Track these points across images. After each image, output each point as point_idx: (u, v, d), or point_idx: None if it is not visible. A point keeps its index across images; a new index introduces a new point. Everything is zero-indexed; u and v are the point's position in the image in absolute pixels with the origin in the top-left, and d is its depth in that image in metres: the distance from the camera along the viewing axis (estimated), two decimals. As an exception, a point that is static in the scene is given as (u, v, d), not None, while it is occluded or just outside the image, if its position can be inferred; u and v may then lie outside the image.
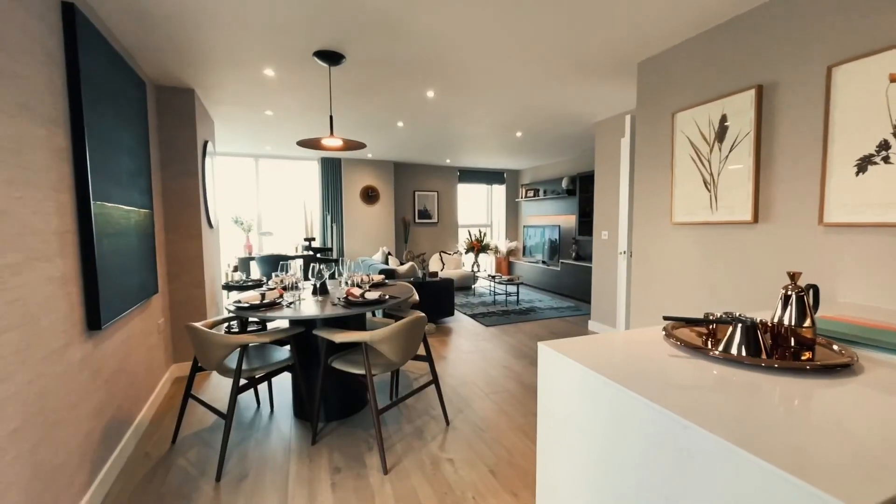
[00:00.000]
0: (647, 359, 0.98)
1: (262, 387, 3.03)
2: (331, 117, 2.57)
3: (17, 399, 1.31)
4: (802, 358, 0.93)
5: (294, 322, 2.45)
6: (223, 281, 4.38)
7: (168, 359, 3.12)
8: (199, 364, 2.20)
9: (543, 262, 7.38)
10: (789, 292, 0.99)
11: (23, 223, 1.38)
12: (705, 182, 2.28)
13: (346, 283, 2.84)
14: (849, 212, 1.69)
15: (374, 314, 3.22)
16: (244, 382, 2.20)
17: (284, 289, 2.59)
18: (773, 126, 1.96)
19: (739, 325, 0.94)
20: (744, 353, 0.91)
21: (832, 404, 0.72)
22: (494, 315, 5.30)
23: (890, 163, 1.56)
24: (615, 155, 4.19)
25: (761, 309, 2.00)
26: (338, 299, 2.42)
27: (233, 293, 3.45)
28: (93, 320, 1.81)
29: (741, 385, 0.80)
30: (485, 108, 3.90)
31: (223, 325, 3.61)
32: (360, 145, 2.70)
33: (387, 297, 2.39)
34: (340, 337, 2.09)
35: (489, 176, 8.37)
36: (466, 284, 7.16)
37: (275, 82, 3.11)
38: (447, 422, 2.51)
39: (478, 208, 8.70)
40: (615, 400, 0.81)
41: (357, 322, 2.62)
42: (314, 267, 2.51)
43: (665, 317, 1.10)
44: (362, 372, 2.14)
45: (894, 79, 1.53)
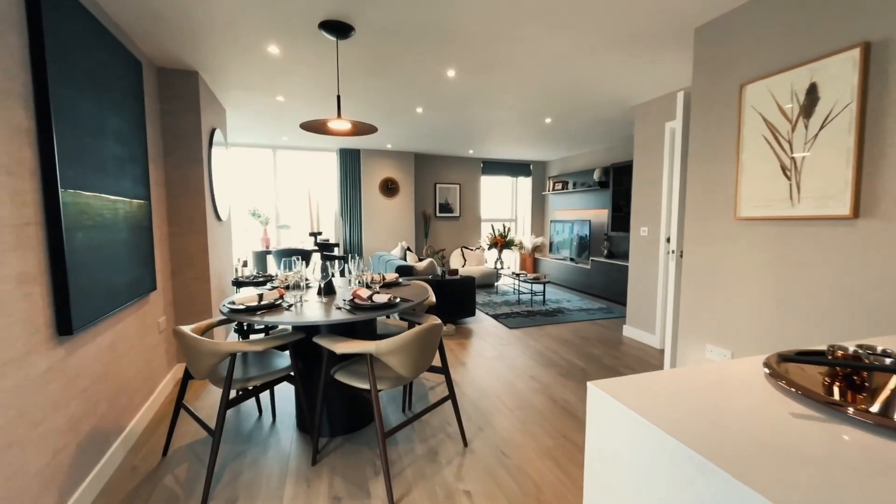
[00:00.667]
0: (749, 415, 0.64)
1: (265, 392, 2.81)
2: (338, 97, 2.29)
3: (-56, 425, 1.09)
4: None
5: (295, 327, 2.20)
6: (233, 276, 4.21)
7: (171, 359, 2.95)
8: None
9: (571, 260, 6.95)
10: None
11: (-44, 213, 1.16)
12: (783, 168, 1.86)
13: (356, 283, 2.57)
14: None
15: (389, 316, 2.95)
16: (237, 394, 1.97)
17: (287, 288, 2.35)
18: (885, 95, 1.53)
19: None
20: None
21: None
22: (519, 316, 4.95)
23: None
24: (657, 142, 3.74)
25: (872, 334, 1.59)
26: (343, 301, 2.15)
27: (242, 289, 3.25)
28: (63, 324, 1.59)
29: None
30: (512, 91, 3.53)
31: (229, 327, 3.43)
32: (371, 129, 2.41)
33: (397, 301, 2.10)
34: (342, 347, 1.81)
35: (514, 168, 7.96)
36: (489, 282, 6.83)
37: (281, 61, 2.86)
38: (465, 443, 2.20)
39: (502, 202, 8.31)
40: (713, 487, 0.48)
41: (365, 327, 2.35)
42: (322, 265, 2.25)
43: (784, 357, 0.75)
44: (367, 387, 1.86)
45: None
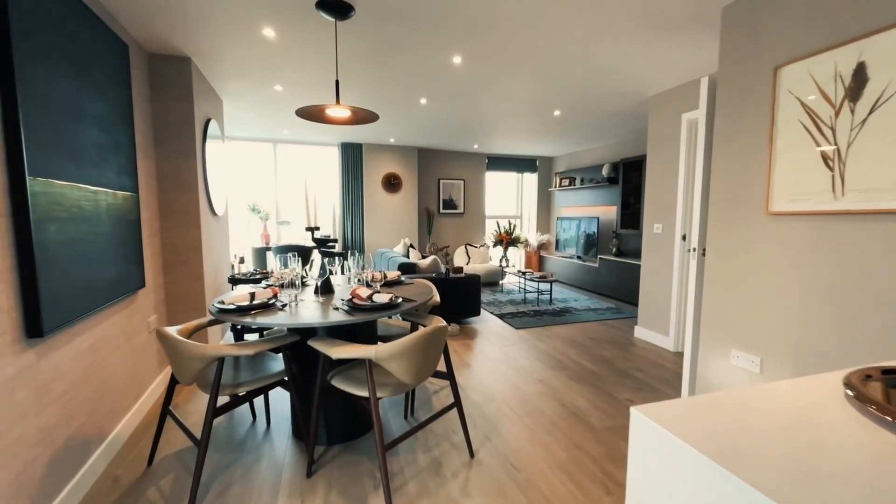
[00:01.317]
0: (845, 455, 0.48)
1: (259, 396, 2.68)
2: (336, 81, 2.13)
3: None
4: None
5: (290, 329, 2.05)
6: (230, 273, 4.08)
7: (162, 360, 2.82)
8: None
9: (579, 258, 6.77)
10: None
11: None
12: (825, 157, 1.69)
13: (355, 281, 2.42)
14: None
15: (390, 316, 2.80)
16: (226, 401, 1.82)
17: (282, 286, 2.20)
18: (949, 73, 1.36)
19: None
20: None
21: None
22: (525, 316, 4.79)
23: None
24: (673, 134, 3.56)
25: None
26: (341, 301, 2.00)
27: (238, 287, 3.12)
28: (32, 326, 1.45)
29: None
30: (520, 80, 3.36)
31: (225, 327, 3.30)
32: (372, 116, 2.26)
33: (399, 301, 1.95)
34: (338, 352, 1.66)
35: (520, 163, 7.78)
36: (493, 280, 6.67)
37: (277, 46, 2.70)
38: (471, 454, 2.05)
39: (507, 198, 8.14)
40: None
41: (365, 329, 2.20)
42: (312, 261, 2.10)
43: (885, 373, 0.59)
44: (366, 394, 1.71)
45: None
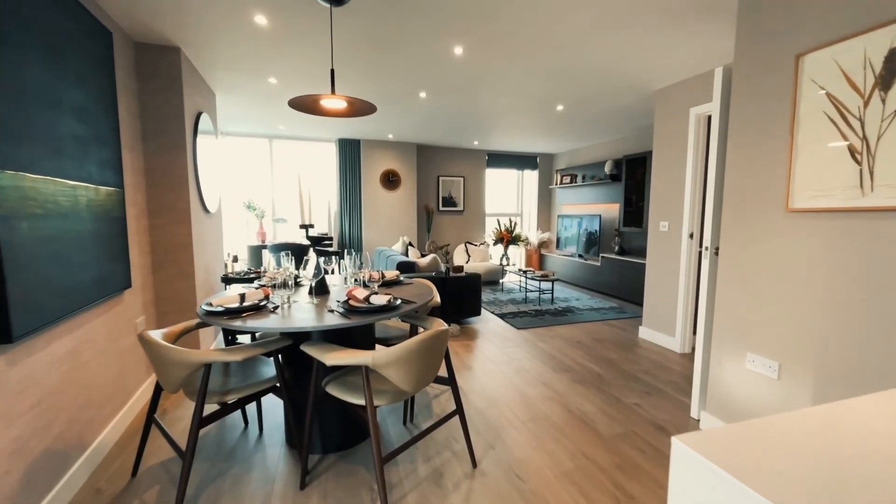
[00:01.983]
0: None
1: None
2: (332, 70, 2.02)
3: None
4: None
5: (281, 333, 1.94)
6: (224, 272, 3.97)
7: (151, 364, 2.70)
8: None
9: (580, 256, 6.67)
10: None
11: None
12: (852, 150, 1.58)
13: (352, 281, 2.31)
14: None
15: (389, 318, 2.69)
16: (215, 409, 1.72)
17: (274, 287, 2.09)
18: None
19: None
20: None
21: None
22: (526, 315, 4.69)
23: None
24: (680, 129, 3.45)
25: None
26: (337, 303, 1.89)
27: (232, 286, 3.00)
28: (1, 331, 1.34)
29: None
30: (523, 72, 3.25)
31: (218, 329, 3.15)
32: (370, 108, 2.14)
33: (398, 302, 1.84)
34: (333, 358, 1.56)
35: (520, 160, 7.67)
36: (494, 279, 6.57)
37: (270, 35, 2.58)
38: (474, 464, 1.95)
39: (507, 196, 8.03)
40: None
41: (362, 331, 2.09)
42: (306, 260, 1.99)
43: None
44: (362, 402, 1.61)
45: None
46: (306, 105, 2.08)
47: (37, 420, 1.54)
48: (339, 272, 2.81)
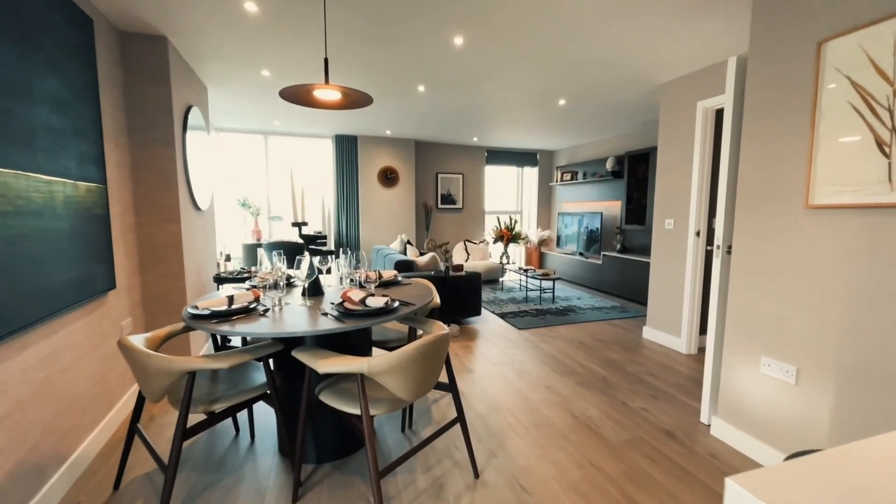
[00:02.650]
0: None
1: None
2: (325, 60, 1.90)
3: None
4: None
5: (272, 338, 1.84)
6: (216, 271, 3.85)
7: (139, 366, 2.60)
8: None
9: (581, 254, 6.58)
10: None
11: None
12: (879, 143, 1.48)
13: (347, 281, 2.21)
14: None
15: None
16: (202, 419, 1.62)
17: (265, 288, 1.98)
18: None
19: None
20: None
21: None
22: (527, 315, 4.59)
23: None
24: (687, 124, 3.35)
25: None
26: (331, 305, 1.79)
27: (225, 286, 2.90)
28: (-38, 338, 1.24)
29: None
30: (525, 65, 3.14)
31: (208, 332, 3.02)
32: (366, 99, 2.03)
33: (396, 305, 1.74)
34: (326, 364, 1.45)
35: (520, 157, 7.56)
36: (493, 277, 6.47)
37: (261, 24, 2.47)
38: (476, 474, 1.85)
39: (507, 193, 7.92)
40: None
41: (358, 334, 1.99)
42: (299, 260, 1.88)
43: None
44: (357, 412, 1.51)
45: None
46: (299, 96, 1.96)
47: (8, 433, 1.44)
48: (337, 271, 2.71)
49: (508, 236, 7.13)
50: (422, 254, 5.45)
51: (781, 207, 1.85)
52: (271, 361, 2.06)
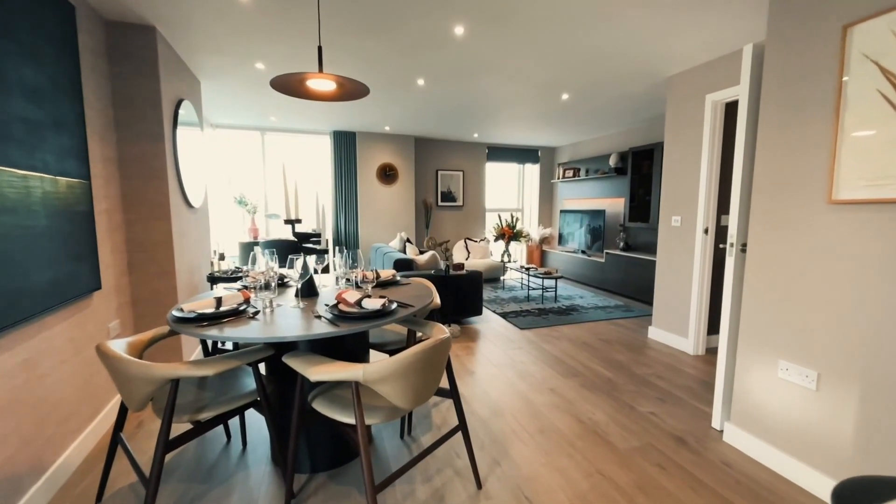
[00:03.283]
0: None
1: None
2: (319, 48, 1.80)
3: None
4: None
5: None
6: (210, 271, 3.76)
7: (128, 369, 2.50)
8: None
9: (583, 252, 6.48)
10: None
11: None
12: (912, 133, 1.38)
13: (343, 282, 2.11)
14: None
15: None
16: (188, 428, 1.52)
17: (256, 288, 1.88)
18: None
19: None
20: None
21: None
22: (529, 315, 4.50)
23: None
24: (695, 118, 3.25)
25: None
26: (325, 307, 1.69)
27: (218, 286, 2.80)
28: (-78, 345, 1.14)
29: None
30: (527, 57, 3.03)
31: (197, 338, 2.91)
32: (362, 89, 1.93)
33: (393, 307, 1.64)
34: (318, 371, 1.36)
35: (522, 154, 7.45)
36: (494, 276, 6.37)
37: (254, 13, 2.36)
38: (478, 484, 1.76)
39: (508, 190, 7.82)
40: None
41: (355, 338, 1.89)
42: (291, 259, 1.78)
43: None
44: (352, 421, 1.41)
45: None
46: (291, 86, 1.86)
47: (-22, 444, 1.34)
48: (334, 270, 2.61)
49: (510, 234, 7.03)
50: (422, 252, 5.35)
51: (801, 203, 1.74)
52: (263, 366, 1.97)
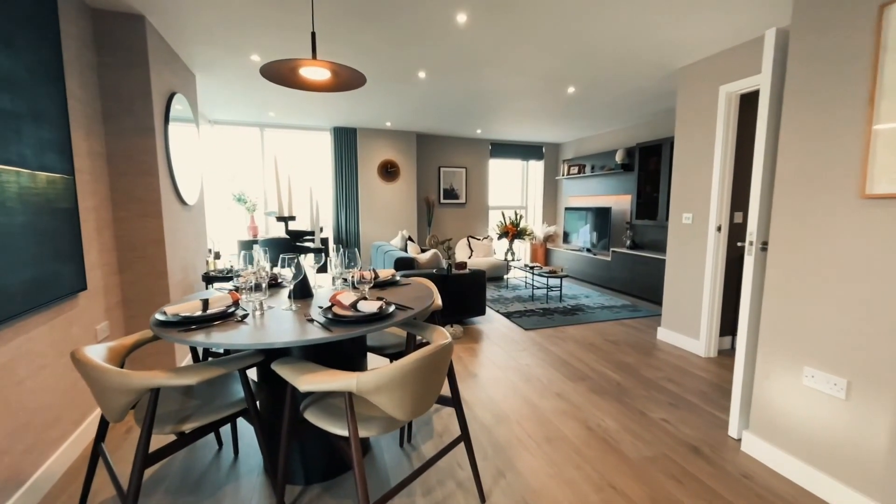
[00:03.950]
0: None
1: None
2: (313, 34, 1.69)
3: None
4: None
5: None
6: (205, 270, 3.66)
7: (118, 372, 2.41)
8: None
9: (588, 251, 6.35)
10: None
11: None
12: (959, 120, 1.26)
13: (339, 282, 2.01)
14: None
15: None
16: (171, 440, 1.43)
17: (246, 290, 1.78)
18: None
19: None
20: None
21: None
22: (534, 315, 4.38)
23: None
24: (708, 110, 3.11)
25: None
26: (318, 311, 1.59)
27: (213, 286, 2.70)
28: None
29: None
30: (532, 47, 2.91)
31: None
32: (359, 77, 1.82)
33: (391, 309, 1.53)
34: (308, 381, 1.25)
35: (525, 150, 7.32)
36: (498, 275, 6.26)
37: (244, 0, 2.25)
38: (482, 498, 1.65)
39: (511, 188, 7.69)
40: None
41: (351, 342, 1.79)
42: (283, 258, 1.68)
43: None
44: (345, 433, 1.31)
45: None
46: (283, 74, 1.75)
47: (-55, 458, 1.25)
48: (332, 269, 2.50)
49: (513, 232, 6.91)
50: (423, 250, 5.25)
51: (830, 197, 1.62)
52: (253, 372, 1.87)
